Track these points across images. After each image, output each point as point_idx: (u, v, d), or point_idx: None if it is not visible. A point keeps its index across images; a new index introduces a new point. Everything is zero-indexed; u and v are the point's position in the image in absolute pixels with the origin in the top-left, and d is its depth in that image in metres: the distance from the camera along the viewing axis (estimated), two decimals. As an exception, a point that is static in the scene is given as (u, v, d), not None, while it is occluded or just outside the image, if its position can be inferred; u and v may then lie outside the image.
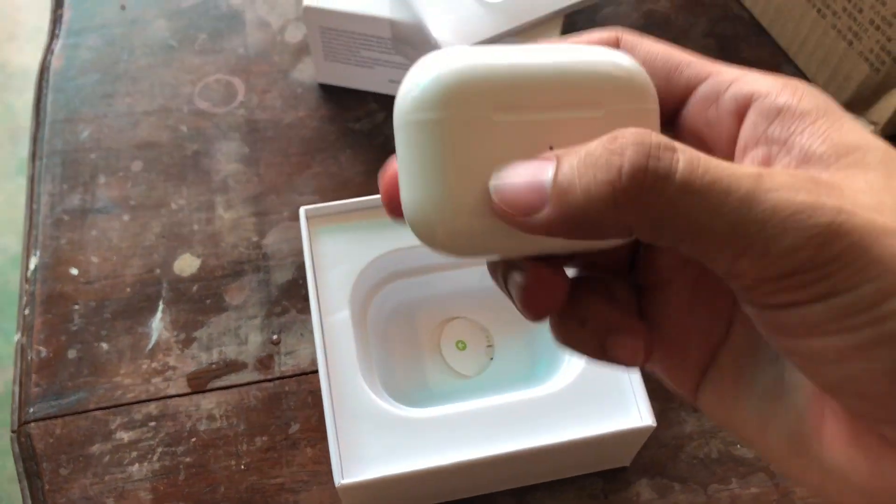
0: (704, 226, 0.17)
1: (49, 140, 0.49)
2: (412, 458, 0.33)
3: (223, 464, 0.39)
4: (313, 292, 0.37)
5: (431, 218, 0.18)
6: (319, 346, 0.35)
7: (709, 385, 0.21)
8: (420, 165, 0.18)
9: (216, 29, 0.53)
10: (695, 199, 0.16)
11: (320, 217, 0.39)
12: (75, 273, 0.44)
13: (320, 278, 0.37)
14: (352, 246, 0.38)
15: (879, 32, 0.44)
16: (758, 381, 0.20)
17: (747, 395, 0.20)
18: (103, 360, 0.42)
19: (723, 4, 0.54)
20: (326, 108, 0.49)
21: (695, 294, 0.21)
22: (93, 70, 0.51)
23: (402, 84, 0.19)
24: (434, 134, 0.18)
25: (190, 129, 0.49)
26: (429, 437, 0.34)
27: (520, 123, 0.18)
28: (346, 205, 0.39)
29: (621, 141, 0.17)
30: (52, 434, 0.40)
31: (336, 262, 0.38)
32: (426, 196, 0.18)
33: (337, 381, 0.35)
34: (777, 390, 0.20)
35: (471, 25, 0.43)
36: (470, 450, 0.33)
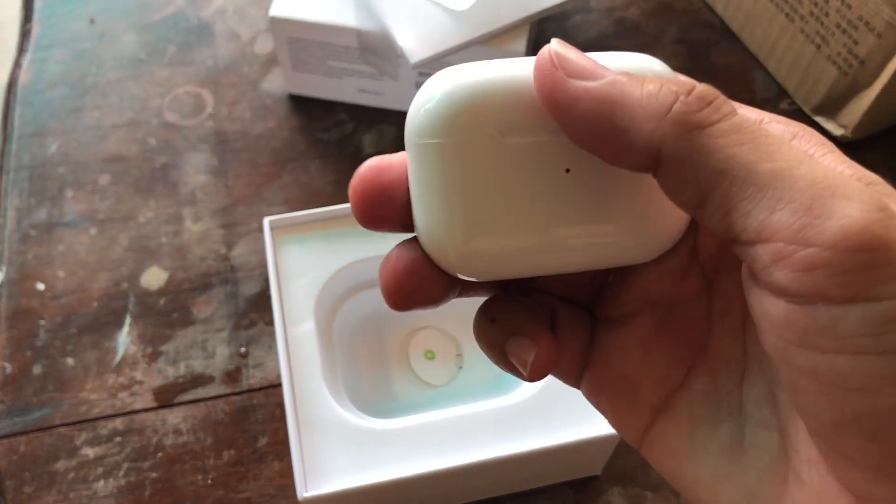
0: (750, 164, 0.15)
1: (17, 154, 0.48)
2: (379, 469, 0.33)
3: (190, 479, 0.38)
4: (277, 304, 0.36)
5: (444, 241, 0.18)
6: (283, 359, 0.35)
7: (659, 432, 0.20)
8: (431, 188, 0.18)
9: (186, 41, 0.52)
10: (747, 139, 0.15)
11: (285, 227, 0.39)
12: (41, 288, 0.44)
13: (285, 289, 0.37)
14: (317, 256, 0.38)
15: (846, 36, 0.44)
16: (715, 436, 0.19)
17: (702, 449, 0.19)
18: (69, 375, 0.41)
19: (693, 11, 0.54)
20: (296, 119, 0.49)
21: (658, 334, 0.20)
22: (61, 84, 0.51)
23: (412, 104, 0.18)
24: (443, 158, 0.18)
25: (159, 141, 0.49)
26: (396, 448, 0.34)
27: (531, 145, 0.18)
28: (310, 215, 0.39)
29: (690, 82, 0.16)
30: (17, 451, 0.39)
31: (301, 272, 0.38)
32: (438, 219, 0.18)
33: (301, 392, 0.35)
34: (736, 447, 0.18)
35: (437, 34, 0.43)
36: (438, 460, 0.33)
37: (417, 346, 0.39)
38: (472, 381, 0.39)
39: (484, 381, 0.39)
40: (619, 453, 0.39)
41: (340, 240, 0.38)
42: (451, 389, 0.38)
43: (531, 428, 0.34)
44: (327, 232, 0.39)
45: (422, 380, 0.39)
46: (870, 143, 0.48)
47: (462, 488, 0.36)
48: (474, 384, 0.39)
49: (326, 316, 0.38)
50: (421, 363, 0.39)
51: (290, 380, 0.35)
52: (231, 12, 0.54)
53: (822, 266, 0.14)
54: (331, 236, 0.39)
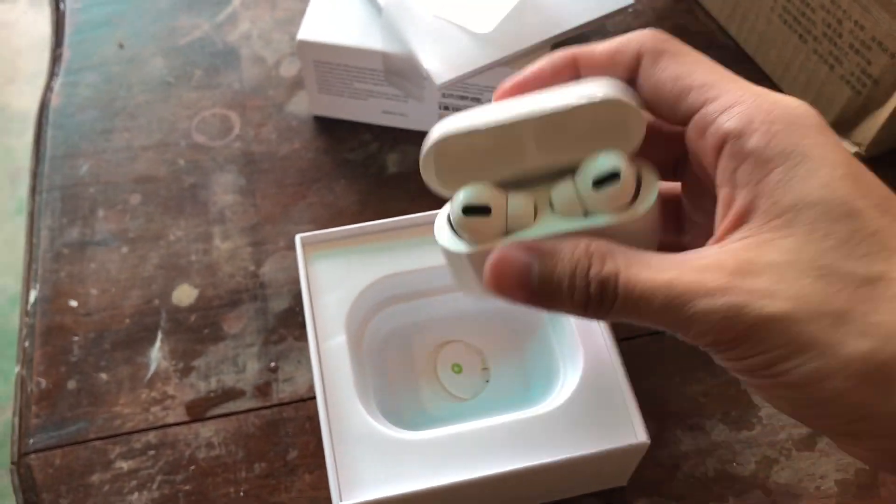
0: (643, 318, 0.24)
1: (49, 175, 0.49)
2: (410, 479, 0.34)
3: (222, 491, 0.39)
4: (310, 318, 0.37)
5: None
6: (316, 372, 0.36)
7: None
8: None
9: (212, 65, 0.54)
10: (632, 306, 0.23)
11: (316, 244, 0.39)
12: (74, 305, 0.45)
13: (316, 304, 0.38)
14: (347, 272, 0.39)
15: (859, 56, 0.45)
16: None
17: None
18: (102, 390, 0.42)
19: (708, 33, 0.55)
20: (321, 140, 0.50)
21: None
22: (91, 107, 0.52)
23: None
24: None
25: (187, 162, 0.50)
26: (426, 458, 0.34)
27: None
28: (340, 231, 0.40)
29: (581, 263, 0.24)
30: (52, 465, 0.40)
31: (331, 288, 0.39)
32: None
33: (334, 405, 0.35)
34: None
35: (461, 56, 0.45)
36: (467, 470, 0.34)
37: (445, 359, 0.40)
38: (498, 394, 0.39)
39: (510, 394, 0.39)
40: (645, 465, 0.39)
41: (370, 255, 0.39)
42: (478, 402, 0.39)
43: (558, 439, 0.35)
44: (357, 248, 0.40)
45: (450, 392, 0.39)
46: (884, 160, 0.49)
47: (492, 498, 0.37)
48: (500, 397, 0.39)
49: (357, 329, 0.38)
50: (448, 376, 0.40)
51: (323, 392, 0.35)
52: (256, 37, 0.55)
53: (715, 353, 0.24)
54: (360, 252, 0.40)
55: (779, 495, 0.39)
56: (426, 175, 0.28)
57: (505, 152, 0.27)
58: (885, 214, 0.22)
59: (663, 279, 0.23)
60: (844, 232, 0.22)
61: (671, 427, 0.40)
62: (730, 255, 0.23)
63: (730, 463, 0.39)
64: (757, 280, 0.22)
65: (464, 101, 0.47)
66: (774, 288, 0.22)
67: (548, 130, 0.27)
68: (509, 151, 0.27)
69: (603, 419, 0.35)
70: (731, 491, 0.39)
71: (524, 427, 0.35)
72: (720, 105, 0.24)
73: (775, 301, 0.21)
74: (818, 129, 0.23)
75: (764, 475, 0.39)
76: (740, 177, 0.24)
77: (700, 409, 0.41)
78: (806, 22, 0.47)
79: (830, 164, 0.23)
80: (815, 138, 0.23)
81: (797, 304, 0.21)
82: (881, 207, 0.23)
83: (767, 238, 0.22)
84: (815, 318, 0.21)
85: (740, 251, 0.23)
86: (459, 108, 0.48)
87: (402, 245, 0.40)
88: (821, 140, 0.23)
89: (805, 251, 0.22)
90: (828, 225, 0.22)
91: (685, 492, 0.39)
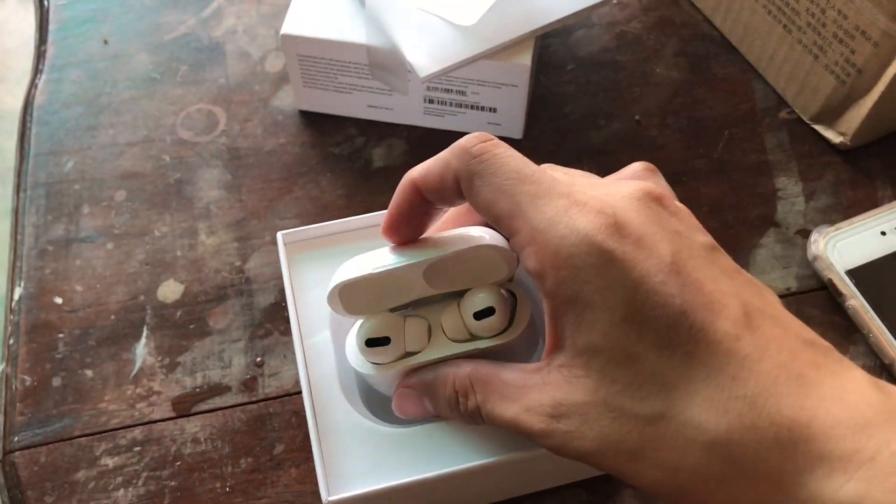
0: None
1: (33, 172, 0.49)
2: (397, 472, 0.34)
3: (208, 486, 0.39)
4: (293, 316, 0.37)
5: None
6: (302, 369, 0.36)
7: None
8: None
9: (197, 61, 0.54)
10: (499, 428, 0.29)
11: (298, 241, 0.39)
12: (59, 302, 0.44)
13: (300, 301, 0.38)
14: (330, 268, 0.39)
15: (843, 45, 0.45)
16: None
17: None
18: (88, 386, 0.42)
19: (693, 24, 0.55)
20: (307, 135, 0.50)
21: None
22: (76, 103, 0.52)
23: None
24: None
25: (172, 158, 0.50)
26: (413, 451, 0.34)
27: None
28: (323, 227, 0.39)
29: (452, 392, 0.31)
30: (37, 462, 0.40)
31: (315, 284, 0.38)
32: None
33: (320, 400, 0.35)
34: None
35: (445, 49, 0.44)
36: (454, 461, 0.33)
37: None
38: None
39: None
40: (631, 455, 0.39)
41: (352, 251, 0.39)
42: None
43: None
44: (340, 244, 0.40)
45: None
46: (868, 151, 0.49)
47: (483, 489, 0.37)
48: None
49: (342, 325, 0.38)
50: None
51: (308, 389, 0.35)
52: (241, 32, 0.55)
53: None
54: (343, 248, 0.39)
55: (765, 484, 0.39)
56: (334, 309, 0.34)
57: (400, 288, 0.33)
58: (663, 351, 0.25)
59: (508, 417, 0.28)
60: (628, 376, 0.25)
61: (657, 418, 0.40)
62: (548, 395, 0.27)
63: (716, 453, 0.39)
64: (568, 422, 0.26)
65: (448, 94, 0.47)
66: (582, 430, 0.26)
67: (434, 270, 0.32)
68: (404, 288, 0.33)
69: None
70: (718, 481, 0.39)
71: None
72: (520, 242, 0.27)
73: (584, 442, 0.26)
74: (599, 268, 0.25)
75: (750, 465, 0.39)
76: (548, 310, 0.27)
77: (686, 399, 0.41)
78: (790, 12, 0.47)
79: (610, 310, 0.25)
80: (595, 282, 0.25)
81: (601, 444, 0.26)
82: (658, 345, 0.25)
83: (573, 375, 0.26)
84: (616, 454, 0.26)
85: (555, 390, 0.27)
86: (444, 102, 0.48)
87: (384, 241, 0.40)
88: (601, 283, 0.25)
89: (600, 393, 0.26)
90: (614, 370, 0.25)
91: (671, 482, 0.39)
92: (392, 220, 0.32)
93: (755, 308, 0.26)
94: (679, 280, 0.25)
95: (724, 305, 0.25)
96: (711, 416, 0.24)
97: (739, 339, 0.25)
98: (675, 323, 0.25)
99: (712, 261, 0.27)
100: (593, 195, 0.27)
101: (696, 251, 0.27)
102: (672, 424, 0.25)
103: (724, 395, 0.24)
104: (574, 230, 0.26)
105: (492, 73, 0.46)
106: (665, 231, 0.27)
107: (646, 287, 0.25)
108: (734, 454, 0.24)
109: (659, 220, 0.27)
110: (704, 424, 0.24)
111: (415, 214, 0.31)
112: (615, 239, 0.25)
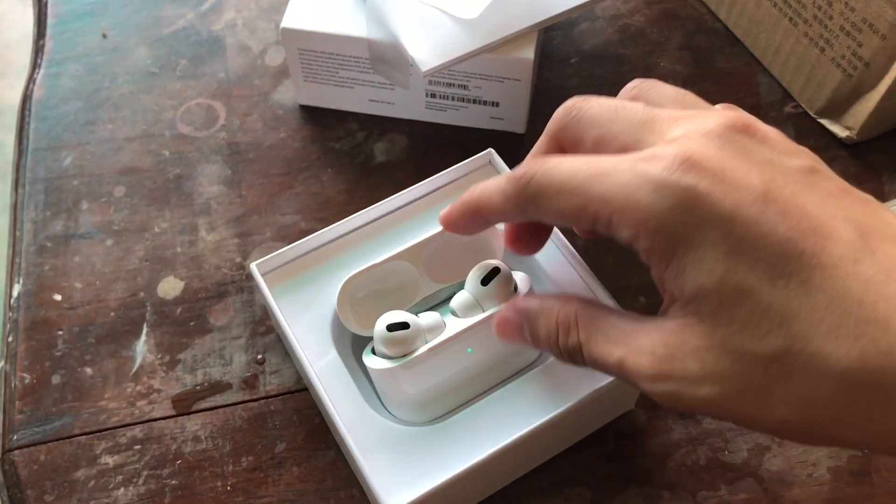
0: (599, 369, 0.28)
1: (32, 168, 0.49)
2: (448, 465, 0.33)
3: (209, 485, 0.39)
4: (295, 344, 0.36)
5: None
6: (322, 393, 0.35)
7: None
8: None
9: (197, 55, 0.53)
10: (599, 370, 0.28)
11: (274, 269, 0.38)
12: (59, 299, 0.44)
13: (296, 329, 0.37)
14: (314, 289, 0.38)
15: (850, 38, 0.44)
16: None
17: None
18: (87, 384, 0.41)
19: (697, 17, 0.54)
20: (307, 129, 0.50)
21: None
22: (75, 98, 0.51)
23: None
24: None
25: (172, 153, 0.49)
26: (454, 441, 0.34)
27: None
28: (296, 248, 0.38)
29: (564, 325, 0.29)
30: (37, 461, 0.39)
31: (304, 309, 0.38)
32: None
33: (348, 417, 0.35)
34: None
35: (447, 43, 0.44)
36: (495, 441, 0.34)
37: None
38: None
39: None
40: (637, 454, 0.39)
41: (331, 267, 0.39)
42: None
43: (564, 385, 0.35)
44: (319, 261, 0.39)
45: None
46: (875, 145, 0.49)
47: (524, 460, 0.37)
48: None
49: (343, 338, 0.38)
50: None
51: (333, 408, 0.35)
52: (241, 26, 0.54)
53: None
54: (326, 263, 0.39)
55: (771, 483, 0.38)
56: (345, 321, 0.36)
57: (405, 288, 0.36)
58: (776, 282, 0.23)
59: (615, 359, 0.27)
60: (743, 314, 0.24)
61: (662, 415, 0.40)
62: (661, 339, 0.25)
63: (721, 451, 0.39)
64: (684, 367, 0.25)
65: (450, 89, 0.47)
66: (700, 375, 0.24)
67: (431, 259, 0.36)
68: (409, 286, 0.36)
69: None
70: (723, 479, 0.38)
71: (526, 387, 0.35)
72: (602, 220, 0.26)
73: (703, 387, 0.24)
74: (685, 207, 0.24)
75: (756, 463, 0.39)
76: (653, 269, 0.26)
77: (691, 396, 0.41)
78: (796, 4, 0.47)
79: (712, 246, 0.24)
80: (686, 222, 0.24)
81: (723, 389, 0.24)
82: (770, 276, 0.23)
83: (687, 322, 0.25)
84: (741, 397, 0.24)
85: (668, 336, 0.25)
86: (446, 96, 0.47)
87: (366, 244, 0.39)
88: (692, 222, 0.24)
89: (716, 336, 0.24)
90: (727, 310, 0.24)
91: (676, 481, 0.38)
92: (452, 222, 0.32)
93: (870, 228, 0.24)
94: (777, 207, 0.24)
95: (833, 229, 0.24)
96: (842, 345, 0.23)
97: (858, 261, 0.23)
98: (783, 251, 0.23)
99: (813, 184, 0.25)
100: (660, 146, 0.26)
101: (793, 177, 0.25)
102: (800, 358, 0.23)
103: (853, 321, 0.23)
104: (647, 180, 0.25)
105: (494, 67, 0.45)
106: (752, 162, 0.25)
107: (742, 218, 0.24)
108: (872, 382, 0.22)
109: (744, 151, 0.25)
110: (835, 353, 0.23)
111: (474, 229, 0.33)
112: (691, 175, 0.24)
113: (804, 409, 0.23)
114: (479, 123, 0.49)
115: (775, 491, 0.38)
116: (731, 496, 0.38)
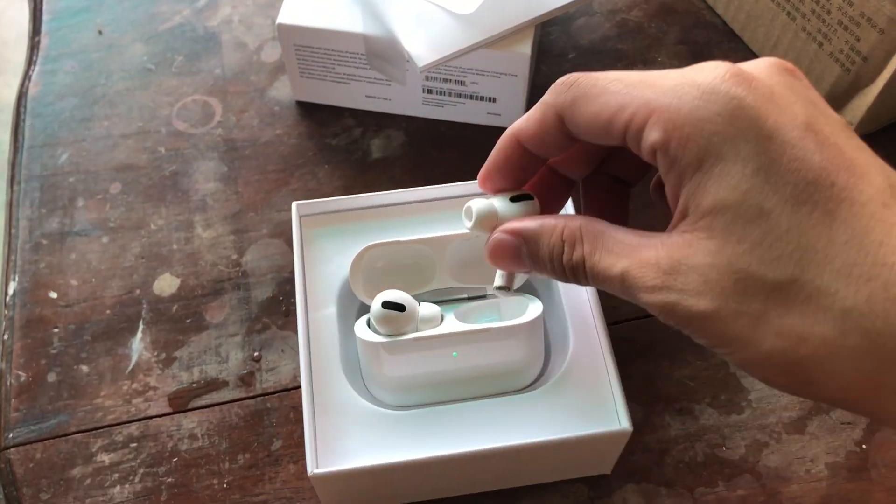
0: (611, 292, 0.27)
1: (27, 165, 0.49)
2: (388, 452, 0.33)
3: (205, 483, 0.39)
4: (300, 286, 0.37)
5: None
6: (302, 340, 0.35)
7: None
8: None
9: (193, 51, 0.53)
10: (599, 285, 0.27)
11: (312, 215, 0.39)
12: (54, 296, 0.44)
13: (309, 273, 0.38)
14: (343, 245, 0.39)
15: (848, 33, 0.44)
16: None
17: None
18: (83, 382, 0.41)
19: (695, 12, 0.54)
20: (304, 125, 0.50)
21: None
22: (70, 95, 0.51)
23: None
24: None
25: (168, 150, 0.49)
26: (406, 433, 0.34)
27: None
28: (338, 202, 0.39)
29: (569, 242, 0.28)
30: (33, 459, 0.39)
31: (327, 259, 0.38)
32: None
33: (319, 374, 0.35)
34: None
35: (443, 38, 0.44)
36: (446, 447, 0.33)
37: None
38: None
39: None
40: (633, 450, 0.39)
41: (368, 229, 0.39)
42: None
43: (542, 421, 0.34)
44: (356, 221, 0.39)
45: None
46: (873, 140, 0.48)
47: (472, 477, 0.36)
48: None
49: (349, 302, 0.38)
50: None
51: (308, 360, 0.35)
52: (237, 22, 0.54)
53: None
54: (356, 224, 0.39)
55: (769, 479, 0.38)
56: (353, 285, 0.36)
57: (422, 274, 0.36)
58: (800, 206, 0.23)
59: (617, 271, 0.26)
60: (757, 234, 0.23)
61: (660, 411, 0.40)
62: (666, 253, 0.25)
63: (719, 447, 0.39)
64: (685, 280, 0.24)
65: (447, 84, 0.47)
66: (699, 289, 0.24)
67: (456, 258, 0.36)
68: (426, 272, 0.36)
69: (588, 404, 0.35)
70: (721, 475, 0.38)
71: (507, 407, 0.35)
72: (639, 122, 0.25)
73: (700, 301, 0.24)
74: (727, 116, 0.24)
75: (754, 459, 0.39)
76: (672, 181, 0.25)
77: (689, 392, 0.40)
78: (794, -1, 0.47)
79: (742, 160, 0.23)
80: (724, 132, 0.24)
81: (719, 306, 0.24)
82: (796, 200, 0.23)
83: (695, 238, 0.24)
84: (735, 317, 0.23)
85: (674, 250, 0.25)
86: (443, 92, 0.47)
87: (399, 222, 0.39)
88: (730, 132, 0.24)
89: (723, 254, 0.24)
90: (741, 228, 0.23)
91: (674, 477, 0.38)
92: (488, 171, 0.31)
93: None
94: (817, 139, 0.23)
95: (866, 172, 0.23)
96: (851, 283, 0.22)
97: (888, 206, 0.23)
98: (814, 178, 0.23)
99: (849, 135, 0.25)
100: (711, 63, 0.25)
101: (833, 121, 0.25)
102: (804, 290, 0.22)
103: (869, 260, 0.22)
104: (695, 86, 0.24)
105: (491, 62, 0.45)
106: (797, 96, 0.25)
107: (781, 138, 0.23)
108: (874, 328, 0.22)
109: (793, 86, 0.25)
110: (842, 291, 0.22)
111: (512, 168, 0.31)
112: (744, 87, 0.24)
113: (794, 346, 0.23)
114: (476, 119, 0.49)
115: (773, 487, 0.38)
116: (729, 492, 0.38)
